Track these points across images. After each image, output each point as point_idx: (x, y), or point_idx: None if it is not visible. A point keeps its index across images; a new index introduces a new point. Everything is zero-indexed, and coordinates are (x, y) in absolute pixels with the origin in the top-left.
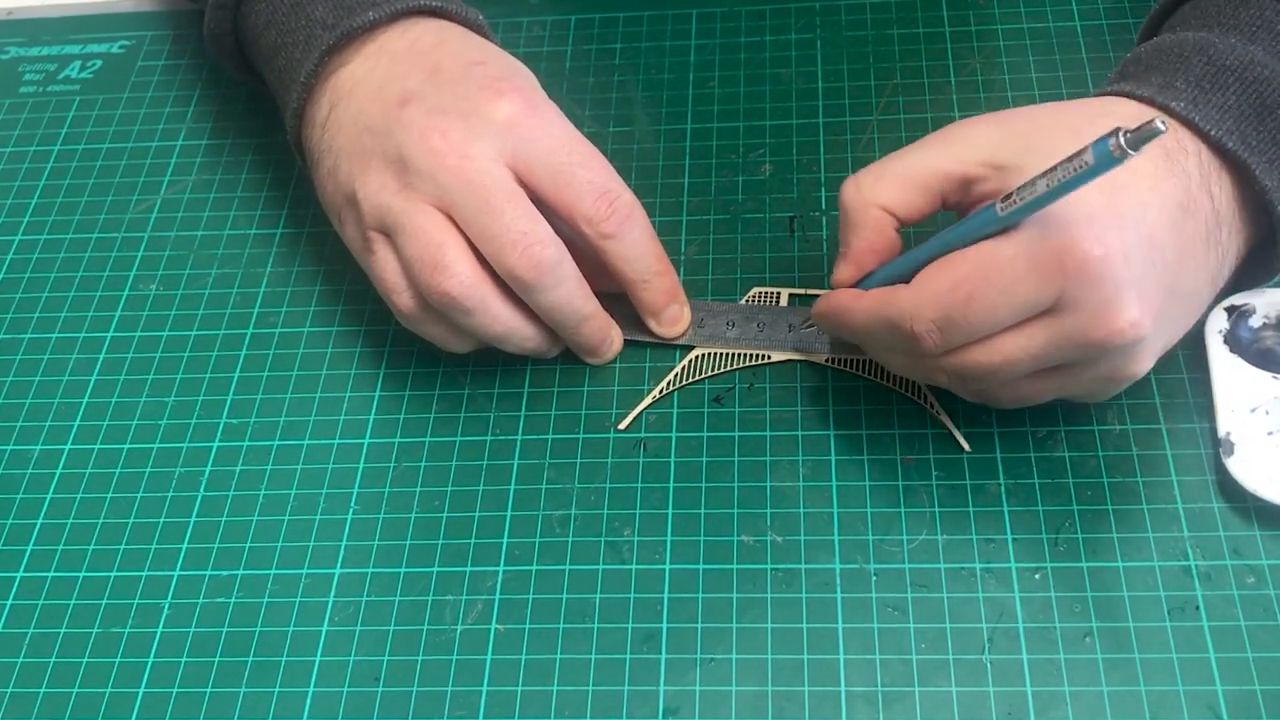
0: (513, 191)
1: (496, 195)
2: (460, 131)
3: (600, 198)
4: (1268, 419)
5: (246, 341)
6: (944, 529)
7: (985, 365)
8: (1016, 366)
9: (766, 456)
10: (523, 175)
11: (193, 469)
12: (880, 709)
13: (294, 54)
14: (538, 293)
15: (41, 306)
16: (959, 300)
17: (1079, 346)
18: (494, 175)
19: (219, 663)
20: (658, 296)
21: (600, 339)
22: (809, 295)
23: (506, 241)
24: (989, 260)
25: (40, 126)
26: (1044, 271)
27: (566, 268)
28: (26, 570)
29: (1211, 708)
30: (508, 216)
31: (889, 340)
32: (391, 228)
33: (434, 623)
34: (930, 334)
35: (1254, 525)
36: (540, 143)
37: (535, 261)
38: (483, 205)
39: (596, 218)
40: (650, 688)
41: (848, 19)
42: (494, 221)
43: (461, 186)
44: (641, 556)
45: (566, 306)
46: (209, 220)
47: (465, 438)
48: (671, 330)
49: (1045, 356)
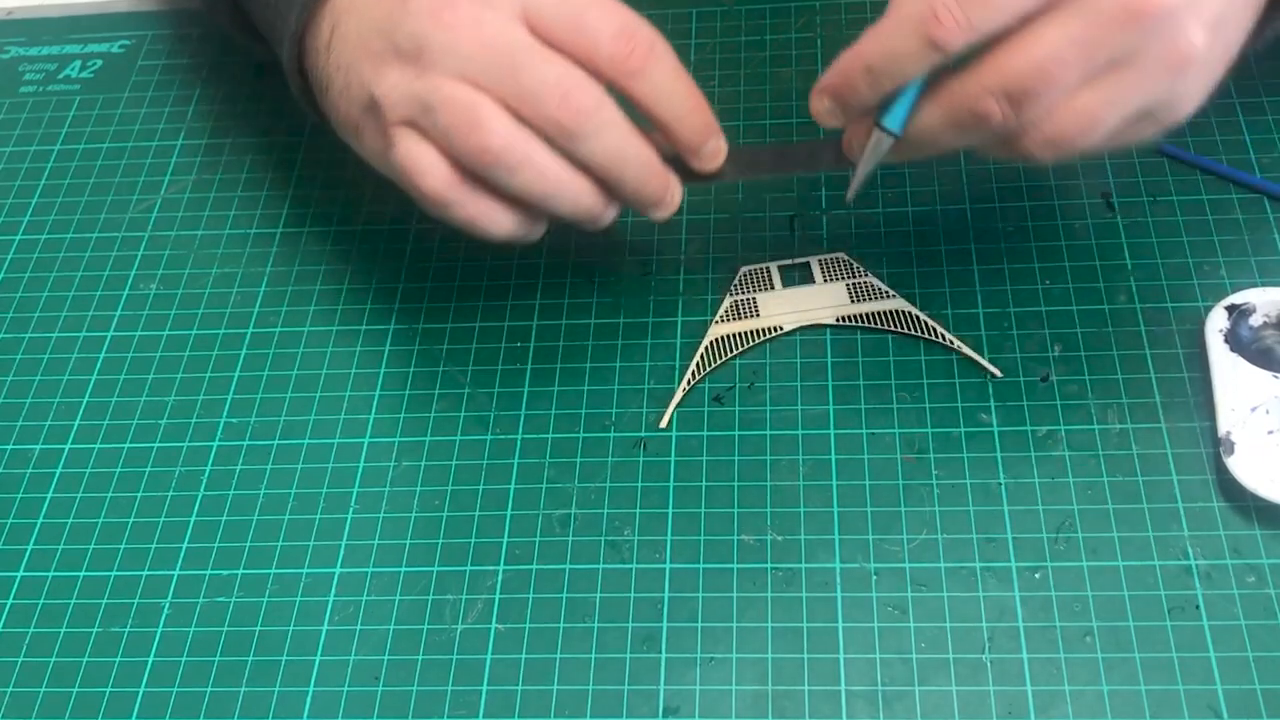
0: (535, 44)
1: (520, 51)
2: (469, 2)
3: (618, 35)
4: (1268, 418)
5: (246, 341)
6: (944, 529)
7: (1025, 64)
8: (1062, 62)
9: (766, 456)
10: (537, 29)
11: (193, 469)
12: (880, 708)
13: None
14: (584, 140)
15: (41, 306)
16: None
17: (1118, 21)
18: (513, 33)
19: (219, 662)
20: (694, 133)
21: (660, 186)
22: (797, 264)
23: (543, 93)
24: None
25: (40, 126)
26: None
27: (610, 111)
28: (26, 570)
29: (1211, 707)
30: (539, 69)
31: (905, 46)
32: (419, 111)
33: (434, 622)
34: (948, 13)
35: (1254, 525)
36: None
37: (576, 107)
38: (510, 64)
39: (618, 56)
40: (650, 687)
41: (848, 19)
42: (525, 77)
43: (483, 52)
44: (641, 556)
45: (618, 152)
46: (209, 220)
47: (465, 438)
48: (711, 164)
49: (1087, 41)
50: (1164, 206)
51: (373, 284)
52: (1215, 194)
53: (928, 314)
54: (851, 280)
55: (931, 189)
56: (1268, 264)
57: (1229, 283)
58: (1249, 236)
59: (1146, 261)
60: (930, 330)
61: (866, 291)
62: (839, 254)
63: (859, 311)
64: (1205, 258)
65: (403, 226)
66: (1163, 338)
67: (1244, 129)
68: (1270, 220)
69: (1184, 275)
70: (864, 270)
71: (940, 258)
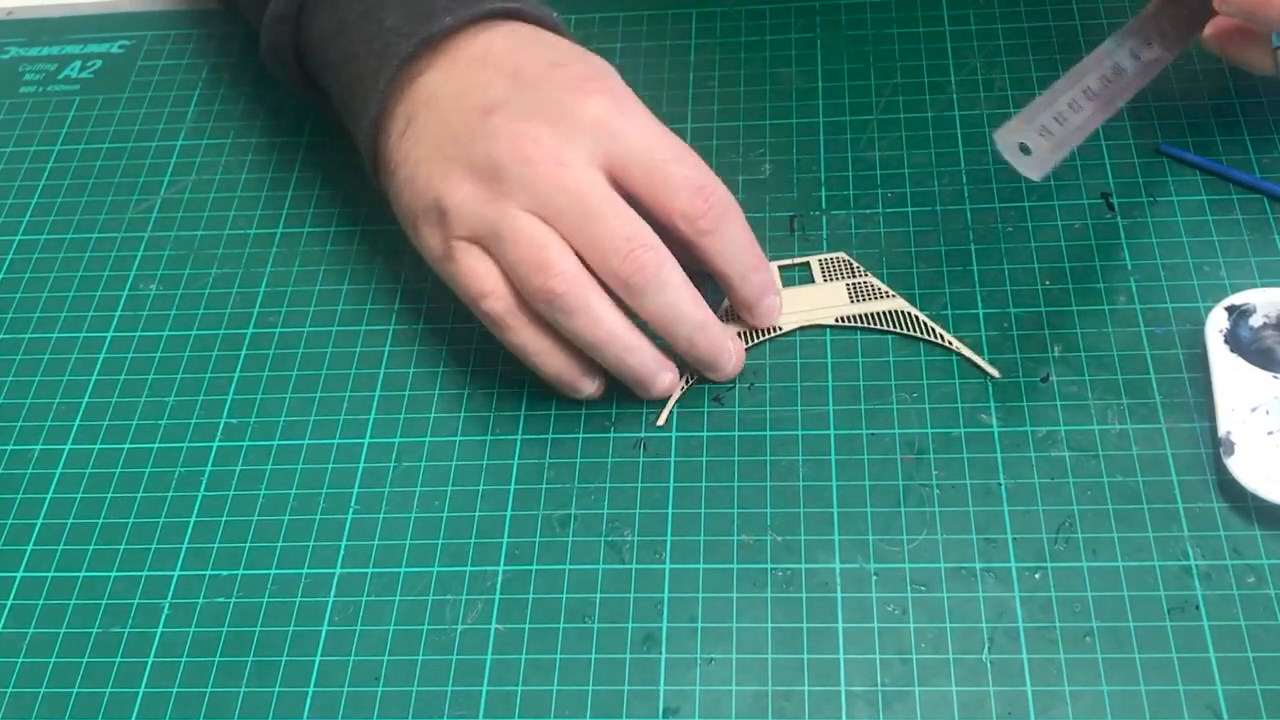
0: (611, 196)
1: (595, 200)
2: (551, 137)
3: (696, 193)
4: (1268, 419)
5: (246, 341)
6: (944, 529)
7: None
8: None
9: (766, 456)
10: (616, 176)
11: (193, 469)
12: (880, 709)
13: (368, 63)
14: (645, 297)
15: (41, 306)
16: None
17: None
18: (591, 180)
19: (219, 663)
20: (755, 290)
21: (718, 348)
22: (797, 264)
23: (610, 248)
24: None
25: (40, 126)
26: None
27: (672, 272)
28: (26, 570)
29: (1211, 707)
30: (610, 222)
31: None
32: (488, 236)
33: (434, 623)
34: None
35: (1254, 525)
36: (631, 140)
37: (640, 264)
38: (584, 212)
39: (694, 214)
40: (650, 687)
41: (848, 19)
42: (597, 227)
43: (559, 194)
44: (641, 556)
45: (674, 311)
46: (209, 220)
47: (465, 438)
48: (767, 320)
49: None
50: (1164, 206)
51: (373, 284)
52: (1215, 194)
53: (927, 314)
54: (851, 280)
55: (931, 189)
56: (1268, 264)
57: (1229, 283)
58: (1249, 236)
59: (1146, 261)
60: (929, 330)
61: (866, 291)
62: (839, 254)
63: (858, 312)
64: (1205, 258)
65: None
66: (1163, 338)
67: (1244, 129)
68: (1270, 220)
69: (1184, 275)
70: (864, 270)
71: (940, 258)
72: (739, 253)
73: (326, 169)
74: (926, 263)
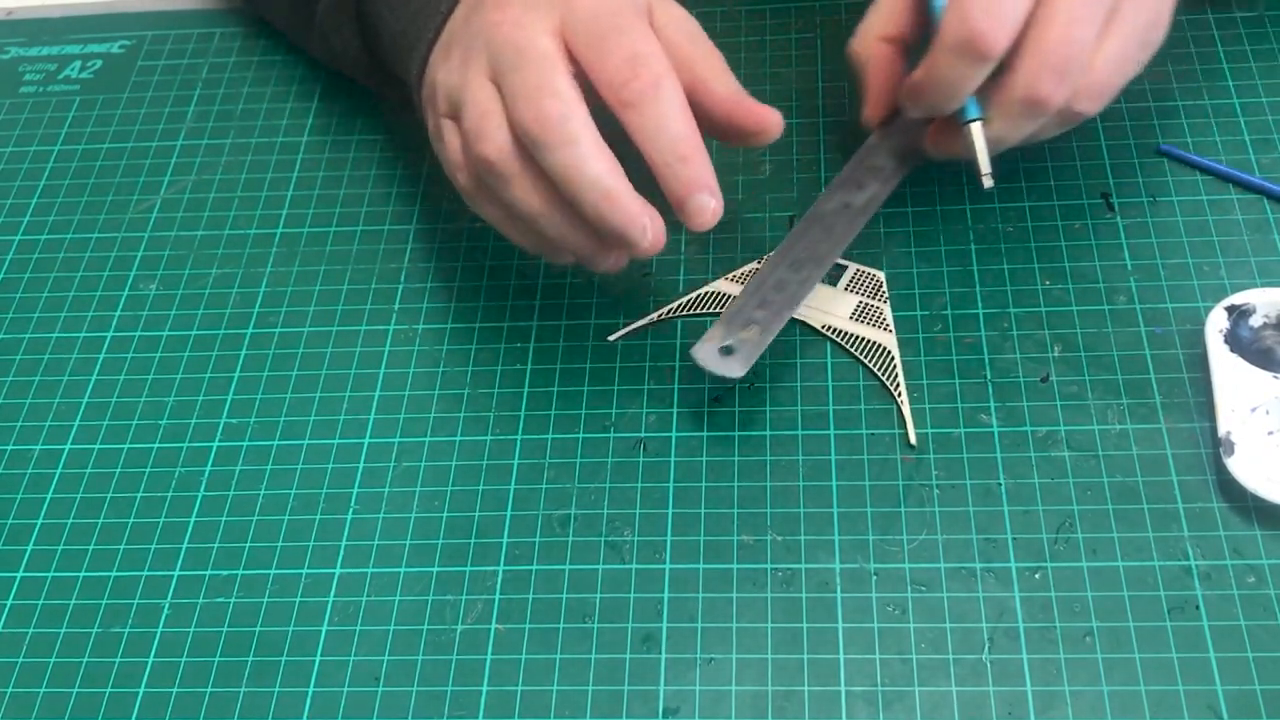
0: (547, 53)
1: (530, 54)
2: (518, 6)
3: (626, 61)
4: (1268, 419)
5: (246, 341)
6: (944, 529)
7: (1053, 36)
8: (1079, 20)
9: (766, 457)
10: (569, 44)
11: (193, 469)
12: (880, 709)
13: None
14: (546, 151)
15: (41, 306)
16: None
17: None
18: (536, 40)
19: (219, 663)
20: (679, 183)
21: (626, 219)
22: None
23: (521, 94)
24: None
25: (40, 126)
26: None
27: (581, 128)
28: (26, 570)
29: (1211, 707)
30: (531, 74)
31: (960, 69)
32: (455, 105)
33: (434, 623)
34: (985, 29)
35: (1254, 525)
36: (585, 7)
37: (541, 113)
38: (514, 63)
39: (617, 81)
40: (650, 688)
41: (848, 19)
42: (517, 78)
43: (505, 50)
44: (641, 556)
45: (575, 169)
46: (209, 220)
47: (465, 438)
48: (696, 222)
49: (1093, 5)
50: (1164, 206)
51: (373, 284)
52: (1215, 194)
53: (926, 314)
54: (863, 299)
55: (932, 189)
56: (1268, 264)
57: (1229, 283)
58: (1249, 236)
59: (1146, 261)
60: (889, 376)
61: (870, 315)
62: (878, 273)
63: (845, 329)
64: (1205, 258)
65: (403, 227)
66: (1163, 338)
67: (1244, 129)
68: (1270, 220)
69: (1184, 275)
70: (885, 298)
71: (940, 258)
72: (663, 134)
73: (326, 169)
74: (927, 263)
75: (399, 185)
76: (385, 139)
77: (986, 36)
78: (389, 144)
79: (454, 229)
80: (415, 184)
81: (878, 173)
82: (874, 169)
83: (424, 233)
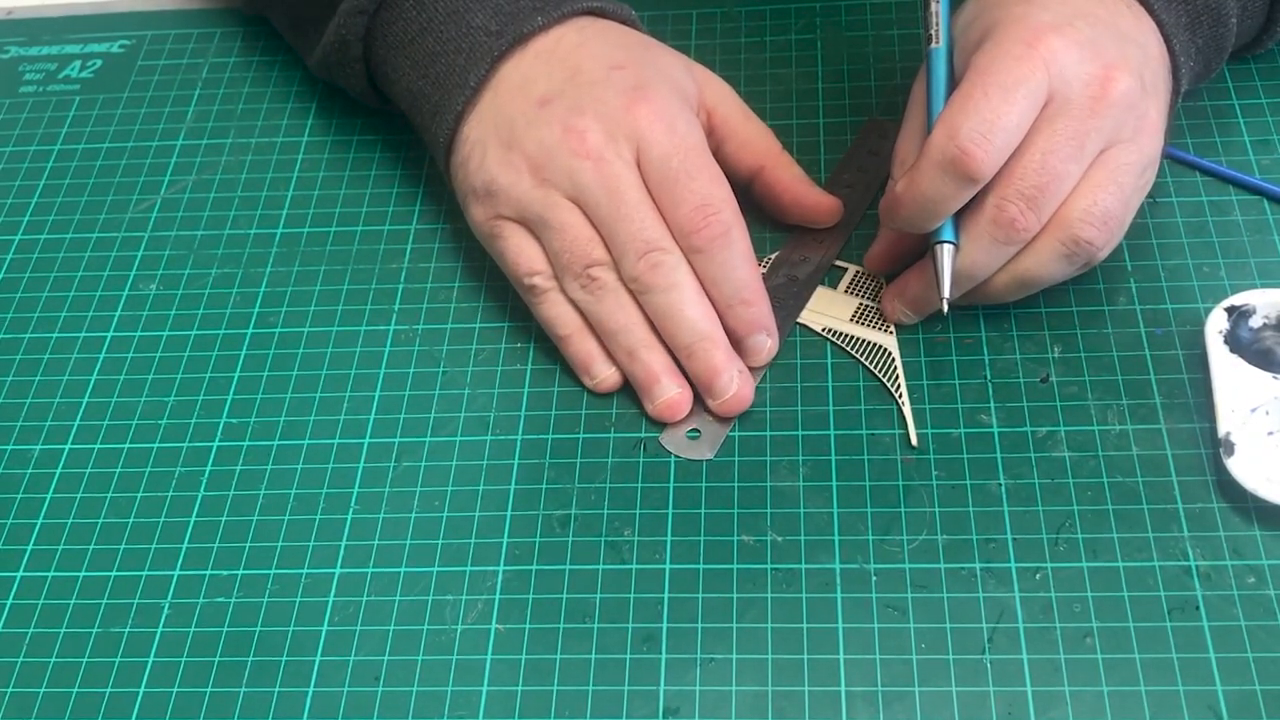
0: (642, 202)
1: (626, 200)
2: (597, 134)
3: (698, 209)
4: (1268, 419)
5: (246, 341)
6: (944, 529)
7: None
8: (1058, 154)
9: (766, 456)
10: (645, 180)
11: (193, 469)
12: (880, 709)
13: (456, 61)
14: (652, 294)
15: (41, 306)
16: (971, 104)
17: (1092, 114)
18: (628, 181)
19: (219, 663)
20: (740, 324)
21: (717, 365)
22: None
23: (630, 247)
24: (982, 71)
25: (40, 126)
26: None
27: (684, 277)
28: (26, 570)
29: (1211, 708)
30: (635, 224)
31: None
32: (533, 220)
33: (434, 623)
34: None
35: (1254, 525)
36: (659, 147)
37: (655, 264)
38: (615, 209)
39: (689, 228)
40: (650, 688)
41: (848, 19)
42: (623, 226)
43: (595, 190)
44: (641, 556)
45: (678, 311)
46: (209, 220)
47: (465, 438)
48: (752, 359)
49: (1072, 133)
50: (1164, 207)
51: (373, 284)
52: (1215, 194)
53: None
54: (864, 302)
55: None
56: (1268, 265)
57: (1229, 284)
58: (1249, 237)
59: (1146, 262)
60: (891, 378)
61: (869, 317)
62: (881, 276)
63: (846, 331)
64: (1205, 259)
65: (403, 226)
66: (1162, 338)
67: (1244, 129)
68: (1270, 221)
69: (1184, 276)
70: None
71: None
72: (729, 281)
73: (326, 169)
74: None
75: (399, 185)
76: (385, 139)
77: (975, 156)
78: (389, 144)
79: (454, 229)
80: (415, 184)
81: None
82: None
83: (424, 233)
